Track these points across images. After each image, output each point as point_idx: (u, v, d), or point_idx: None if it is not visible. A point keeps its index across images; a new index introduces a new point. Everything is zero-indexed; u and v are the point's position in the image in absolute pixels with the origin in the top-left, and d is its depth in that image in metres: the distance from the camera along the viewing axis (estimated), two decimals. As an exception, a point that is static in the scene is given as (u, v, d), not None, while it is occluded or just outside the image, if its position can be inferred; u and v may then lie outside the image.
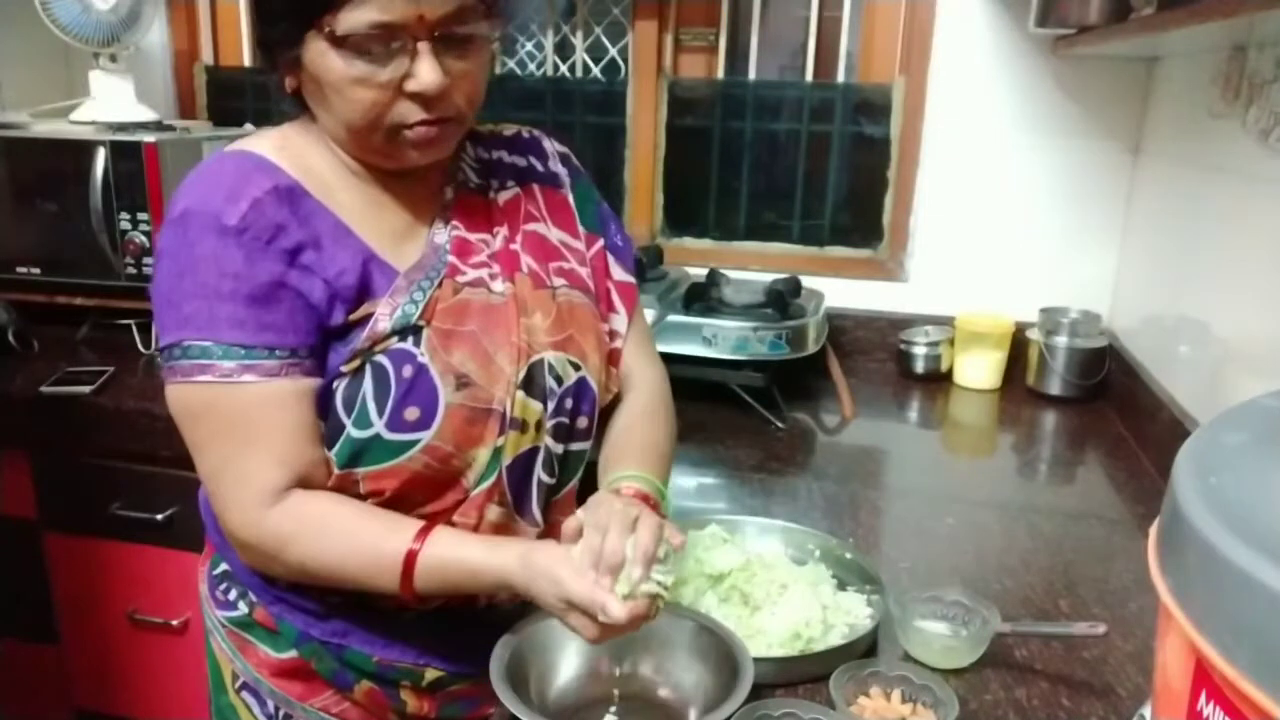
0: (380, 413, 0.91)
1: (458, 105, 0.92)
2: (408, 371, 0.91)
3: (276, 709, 1.04)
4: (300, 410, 0.91)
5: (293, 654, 1.01)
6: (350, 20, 0.85)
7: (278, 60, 0.93)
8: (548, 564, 0.85)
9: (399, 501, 0.94)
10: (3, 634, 1.87)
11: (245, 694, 1.05)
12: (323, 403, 0.92)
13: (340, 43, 0.86)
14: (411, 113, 0.90)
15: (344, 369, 0.91)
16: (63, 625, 1.85)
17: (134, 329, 1.93)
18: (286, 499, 0.90)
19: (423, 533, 0.89)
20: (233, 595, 1.04)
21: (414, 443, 0.92)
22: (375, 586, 0.91)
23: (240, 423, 0.89)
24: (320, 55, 0.88)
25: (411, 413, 0.91)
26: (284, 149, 0.95)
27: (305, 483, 0.91)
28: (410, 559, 0.88)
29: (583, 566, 0.84)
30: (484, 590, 0.92)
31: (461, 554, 0.90)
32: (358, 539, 0.90)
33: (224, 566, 1.05)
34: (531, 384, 0.97)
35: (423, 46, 0.87)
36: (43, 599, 1.83)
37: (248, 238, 0.88)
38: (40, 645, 1.86)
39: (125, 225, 1.84)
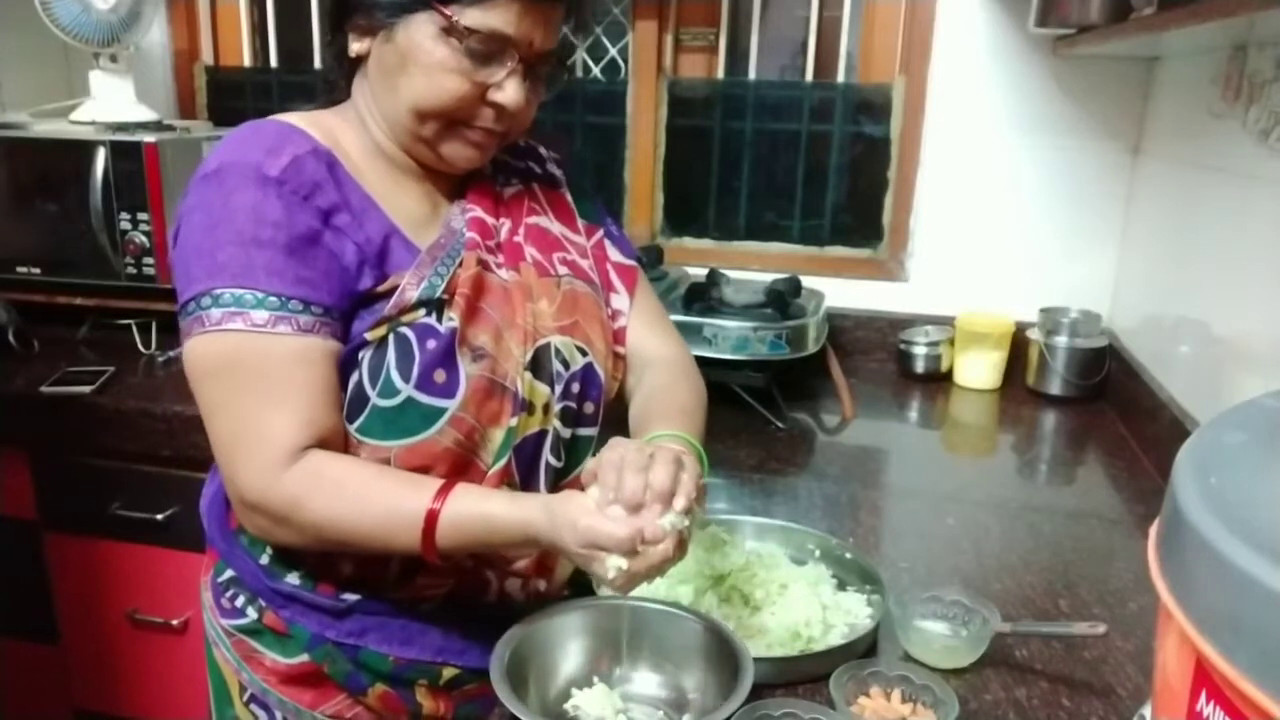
0: (406, 379, 0.92)
1: (514, 125, 0.99)
2: (431, 344, 0.93)
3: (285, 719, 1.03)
4: (328, 371, 0.91)
5: (304, 658, 1.00)
6: (476, 18, 0.90)
7: (359, 22, 0.96)
8: (573, 513, 0.85)
9: None
10: (3, 634, 1.88)
11: (254, 706, 1.04)
12: (346, 372, 0.93)
13: (455, 33, 0.90)
14: (483, 117, 0.96)
15: (369, 336, 0.92)
16: (63, 625, 1.85)
17: (134, 329, 1.93)
18: (303, 459, 0.89)
19: (443, 491, 0.89)
20: (240, 601, 1.03)
21: (442, 411, 0.93)
22: (394, 546, 0.91)
23: (267, 377, 0.88)
24: (426, 36, 0.91)
25: (439, 375, 0.93)
26: (317, 125, 0.97)
27: (324, 447, 0.91)
28: (432, 517, 0.88)
29: (600, 506, 0.85)
30: (508, 544, 0.92)
31: (484, 508, 0.89)
32: (375, 498, 0.89)
33: (230, 573, 1.04)
34: (539, 367, 0.99)
35: (519, 67, 0.94)
36: (43, 599, 1.83)
37: (287, 190, 0.89)
38: (40, 645, 1.86)
39: (125, 225, 1.84)
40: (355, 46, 0.98)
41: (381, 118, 0.99)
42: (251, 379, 0.88)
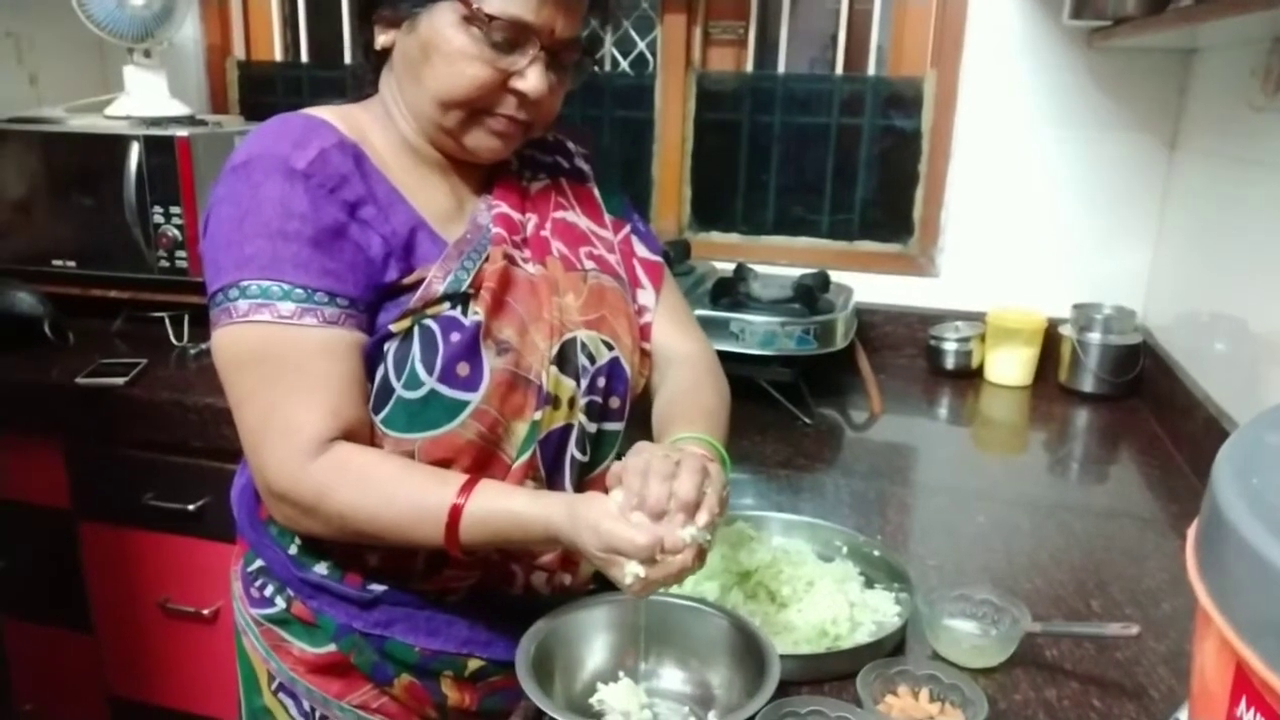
0: (430, 370, 0.92)
1: (538, 115, 0.99)
2: (455, 337, 0.93)
3: (312, 709, 1.04)
4: (354, 363, 0.92)
5: (331, 648, 1.01)
6: (497, 5, 0.91)
7: (384, 14, 0.97)
8: (594, 516, 0.84)
9: None
10: (39, 622, 1.91)
11: (282, 695, 1.05)
12: (372, 364, 0.94)
13: (477, 20, 0.91)
14: (505, 105, 0.96)
15: (394, 328, 0.93)
16: (97, 614, 1.88)
17: (166, 321, 1.95)
18: (330, 450, 0.89)
19: (467, 487, 0.89)
20: (269, 591, 1.04)
21: (465, 404, 0.93)
22: (417, 540, 0.91)
23: (294, 368, 0.89)
24: (448, 24, 0.92)
25: (463, 368, 0.93)
26: (345, 118, 0.98)
27: (350, 439, 0.91)
28: (455, 513, 0.88)
29: (623, 511, 0.84)
30: (529, 541, 0.91)
31: (508, 505, 0.89)
32: (401, 491, 0.90)
33: (259, 563, 1.05)
34: (565, 361, 0.99)
35: (541, 54, 0.94)
36: (77, 588, 1.86)
37: (314, 183, 0.90)
38: (75, 633, 1.89)
39: (159, 219, 1.86)
40: (381, 39, 0.99)
41: (407, 110, 0.99)
42: (278, 370, 0.89)
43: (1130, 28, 1.56)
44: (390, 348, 0.93)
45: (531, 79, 0.94)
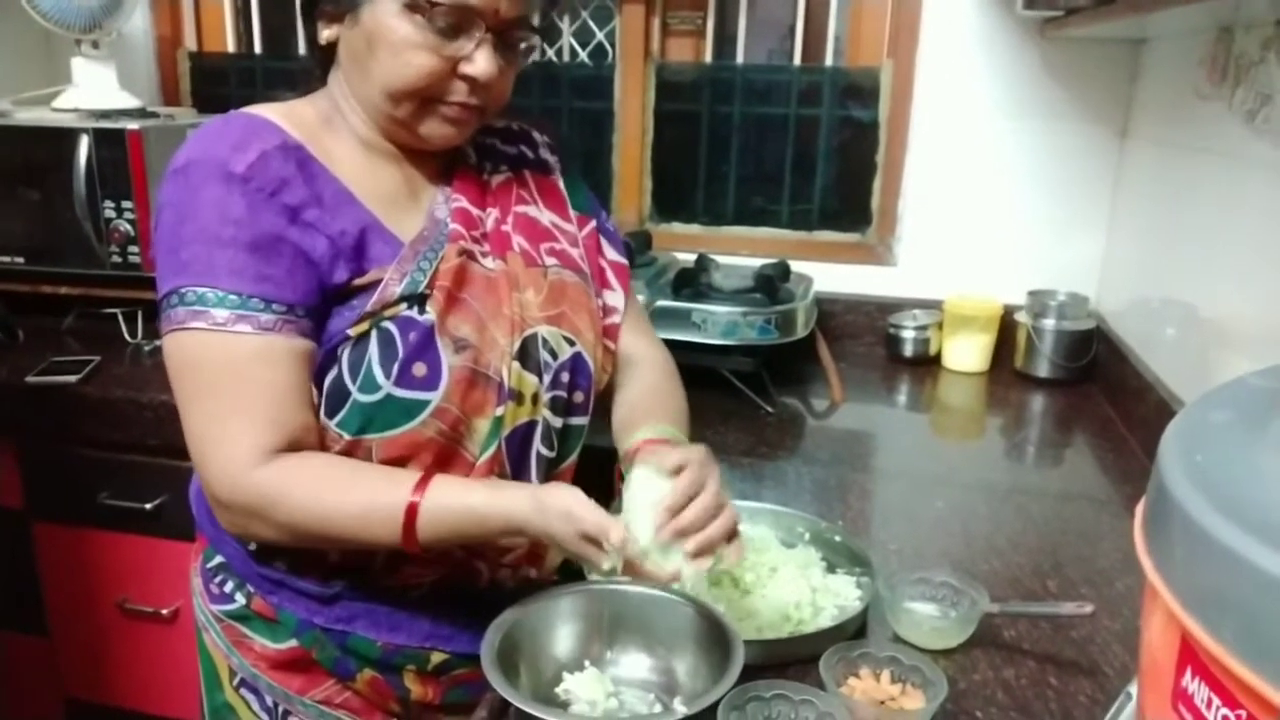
0: (388, 374, 0.91)
1: (490, 99, 0.97)
2: (413, 337, 0.92)
3: (275, 705, 1.03)
4: (293, 370, 0.90)
5: (292, 643, 1.01)
6: None
7: (326, 8, 0.96)
8: (563, 504, 0.86)
9: None
10: (-8, 625, 1.87)
11: (244, 691, 1.04)
12: (325, 368, 0.92)
13: (419, 8, 0.90)
14: (455, 91, 0.95)
15: (351, 332, 0.91)
16: (53, 616, 1.84)
17: (119, 318, 1.92)
18: (273, 460, 0.88)
19: (421, 483, 0.89)
20: (229, 587, 1.03)
21: (424, 404, 0.92)
22: (373, 541, 0.91)
23: (231, 376, 0.88)
24: (390, 15, 0.91)
25: (419, 368, 0.92)
26: (290, 116, 0.96)
27: (296, 446, 0.90)
28: (412, 510, 0.87)
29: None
30: (491, 535, 0.92)
31: (466, 500, 0.89)
32: (351, 494, 0.89)
33: (219, 559, 1.04)
34: (526, 357, 0.99)
35: (488, 37, 0.93)
36: (32, 589, 1.82)
37: (252, 187, 0.88)
38: (30, 636, 1.85)
39: (110, 213, 1.83)
40: (325, 33, 0.97)
41: (357, 103, 0.98)
42: (215, 378, 0.88)
43: (1082, 17, 1.59)
44: (344, 351, 0.92)
45: (480, 63, 0.93)
